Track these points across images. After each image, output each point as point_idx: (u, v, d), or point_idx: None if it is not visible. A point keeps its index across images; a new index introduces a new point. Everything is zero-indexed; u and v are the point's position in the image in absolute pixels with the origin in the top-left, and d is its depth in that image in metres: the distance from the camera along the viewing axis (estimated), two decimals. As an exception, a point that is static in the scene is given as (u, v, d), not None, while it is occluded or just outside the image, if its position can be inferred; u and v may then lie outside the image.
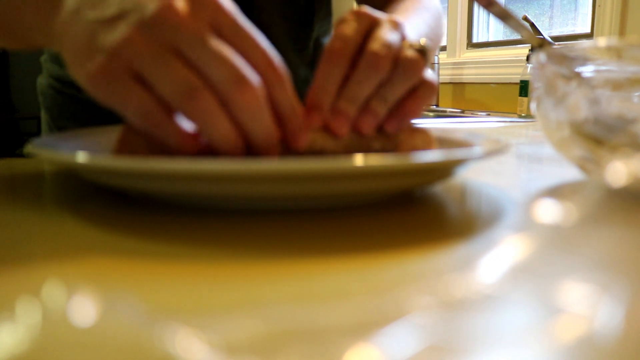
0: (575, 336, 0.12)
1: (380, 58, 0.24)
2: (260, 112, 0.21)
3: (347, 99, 0.24)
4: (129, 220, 0.22)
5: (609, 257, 0.18)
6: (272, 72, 0.22)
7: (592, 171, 0.27)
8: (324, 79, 0.24)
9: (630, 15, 1.02)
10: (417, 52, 0.25)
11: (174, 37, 0.20)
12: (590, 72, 0.27)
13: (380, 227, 0.21)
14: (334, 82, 0.24)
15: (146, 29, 0.20)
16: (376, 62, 0.24)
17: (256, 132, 0.21)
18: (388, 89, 0.25)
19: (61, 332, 0.12)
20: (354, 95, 0.24)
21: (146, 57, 0.20)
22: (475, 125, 0.77)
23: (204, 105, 0.20)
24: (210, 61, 0.20)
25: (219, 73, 0.20)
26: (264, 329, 0.12)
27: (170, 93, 0.20)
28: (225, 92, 0.20)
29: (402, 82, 0.25)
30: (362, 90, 0.24)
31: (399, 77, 0.25)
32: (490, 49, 1.44)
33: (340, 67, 0.24)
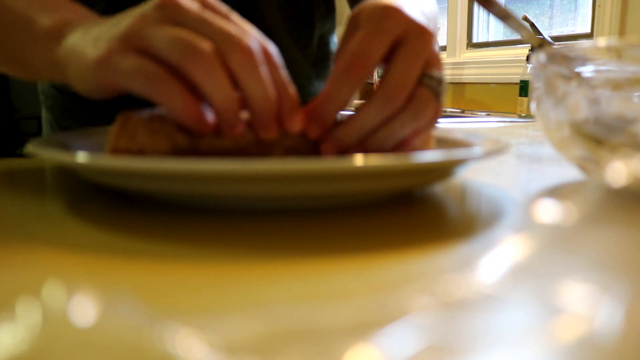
0: (575, 336, 0.12)
1: (398, 95, 0.23)
2: (257, 69, 0.21)
3: (349, 129, 0.24)
4: (129, 220, 0.22)
5: (609, 257, 0.18)
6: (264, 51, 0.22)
7: (592, 171, 0.27)
8: (333, 92, 0.24)
9: (630, 15, 1.02)
10: (433, 94, 0.24)
11: (174, 14, 0.21)
12: (590, 72, 0.27)
13: (380, 227, 0.21)
14: (344, 99, 0.24)
15: (149, 16, 0.22)
16: (392, 98, 0.23)
17: (255, 89, 0.22)
18: (391, 131, 0.24)
19: (61, 332, 0.12)
20: (358, 127, 0.24)
21: (147, 31, 0.21)
22: (475, 125, 0.77)
23: (206, 61, 0.21)
24: (207, 26, 0.21)
25: (216, 34, 0.21)
26: (264, 329, 0.12)
27: (173, 53, 0.21)
28: (225, 50, 0.21)
29: (409, 125, 0.24)
30: (368, 123, 0.24)
31: (408, 119, 0.24)
32: (490, 49, 1.44)
33: (354, 86, 0.24)
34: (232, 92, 0.21)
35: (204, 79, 0.21)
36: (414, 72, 0.24)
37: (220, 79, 0.21)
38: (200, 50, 0.21)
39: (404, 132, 0.24)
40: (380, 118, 0.24)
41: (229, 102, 0.21)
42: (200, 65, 0.21)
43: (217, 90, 0.21)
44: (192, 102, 0.21)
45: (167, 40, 0.21)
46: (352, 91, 0.24)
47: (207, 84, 0.21)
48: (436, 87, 0.24)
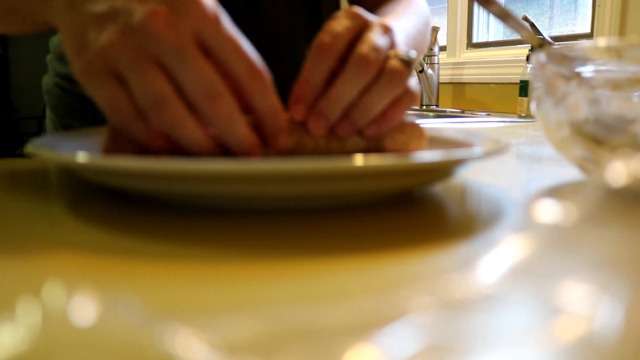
0: (575, 336, 0.12)
1: (368, 62, 0.24)
2: (233, 123, 0.22)
3: (330, 100, 0.25)
4: (129, 220, 0.22)
5: (609, 257, 0.18)
6: (252, 77, 0.22)
7: (592, 171, 0.27)
8: (310, 73, 0.25)
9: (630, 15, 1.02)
10: (402, 63, 0.25)
11: (155, 47, 0.21)
12: (590, 72, 0.27)
13: (380, 227, 0.21)
14: (320, 77, 0.25)
15: (131, 34, 0.21)
16: (364, 65, 0.24)
17: (231, 141, 0.22)
18: (371, 100, 0.25)
19: (61, 332, 0.12)
20: (337, 97, 0.25)
21: (126, 62, 0.21)
22: (475, 125, 0.77)
23: (172, 115, 0.21)
24: (185, 73, 0.21)
25: (192, 85, 0.21)
26: (264, 329, 0.12)
27: (142, 99, 0.21)
28: (198, 105, 0.21)
29: (386, 93, 0.25)
30: (346, 93, 0.25)
31: (383, 87, 0.25)
32: (490, 49, 1.44)
33: (327, 62, 0.25)
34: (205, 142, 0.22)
35: (170, 129, 0.21)
36: (381, 47, 0.25)
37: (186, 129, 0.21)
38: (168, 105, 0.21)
39: (383, 100, 0.25)
40: (356, 88, 0.25)
41: (197, 144, 0.22)
42: (166, 118, 0.21)
43: (188, 143, 0.22)
44: (156, 137, 0.22)
45: (141, 88, 0.21)
46: (326, 69, 0.25)
47: (172, 132, 0.22)
48: (406, 58, 0.25)
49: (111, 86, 0.22)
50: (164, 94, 0.21)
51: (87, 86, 0.22)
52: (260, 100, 0.23)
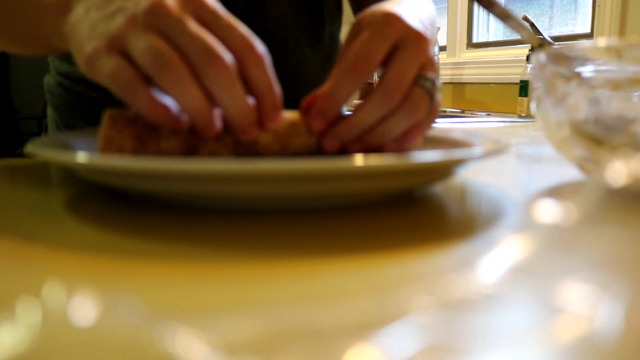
0: (575, 336, 0.12)
1: (394, 94, 0.25)
2: (231, 85, 0.22)
3: (349, 124, 0.25)
4: (129, 220, 0.22)
5: (609, 257, 0.18)
6: (249, 51, 0.23)
7: (592, 171, 0.27)
8: (336, 89, 0.25)
9: (630, 15, 1.02)
10: (427, 93, 0.26)
11: (159, 22, 0.22)
12: (590, 72, 0.27)
13: (380, 227, 0.21)
14: (346, 95, 0.25)
15: (138, 19, 0.23)
16: (389, 97, 0.25)
17: (228, 104, 0.23)
18: (387, 127, 0.26)
19: (61, 332, 0.12)
20: (357, 123, 0.25)
21: (132, 36, 0.22)
22: (475, 125, 0.77)
23: (175, 74, 0.22)
24: (186, 39, 0.22)
25: (193, 48, 0.22)
26: (264, 329, 0.12)
27: (146, 63, 0.22)
28: (197, 64, 0.22)
29: (404, 122, 0.26)
30: (366, 121, 0.25)
31: (403, 116, 0.25)
32: (490, 49, 1.44)
33: (357, 83, 0.25)
34: (202, 101, 0.22)
35: (173, 90, 0.22)
36: (410, 74, 0.25)
37: (188, 89, 0.22)
38: (170, 63, 0.22)
39: (399, 128, 0.26)
40: (377, 115, 0.25)
41: (198, 109, 0.23)
42: (168, 78, 0.22)
43: (189, 104, 0.22)
44: (159, 106, 0.23)
45: (144, 50, 0.22)
46: (354, 88, 0.25)
47: (176, 93, 0.22)
48: (430, 87, 0.26)
49: (117, 58, 0.23)
50: (168, 55, 0.22)
51: (93, 67, 0.23)
52: (257, 72, 0.23)
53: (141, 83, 0.22)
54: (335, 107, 0.25)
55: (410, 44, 0.26)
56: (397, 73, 0.25)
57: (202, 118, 0.23)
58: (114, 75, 0.23)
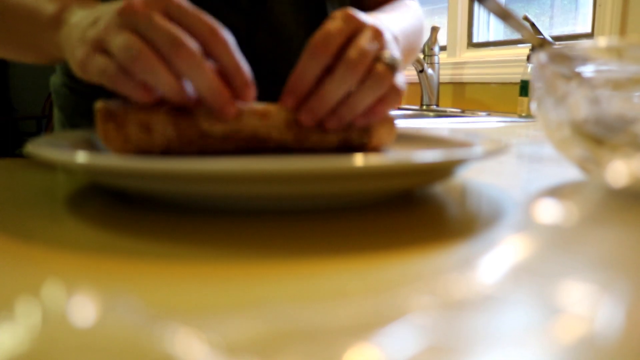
0: (575, 336, 0.12)
1: (356, 66, 0.27)
2: (197, 66, 0.25)
3: (319, 98, 0.28)
4: (129, 220, 0.22)
5: (609, 257, 0.18)
6: (213, 36, 0.26)
7: (593, 171, 0.27)
8: (303, 70, 0.28)
9: (630, 15, 1.02)
10: (387, 67, 0.28)
11: (130, 21, 0.26)
12: (591, 72, 0.27)
13: (380, 227, 0.21)
14: (312, 74, 0.28)
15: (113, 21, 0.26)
16: (351, 69, 0.27)
17: (198, 84, 0.26)
18: (356, 99, 0.28)
19: (61, 332, 0.12)
20: (326, 95, 0.28)
21: (110, 36, 0.26)
22: (476, 125, 0.77)
23: (147, 63, 0.25)
24: (154, 31, 0.25)
25: (161, 39, 0.25)
26: (264, 329, 0.12)
27: (122, 58, 0.26)
28: (166, 53, 0.25)
29: (370, 93, 0.28)
30: (333, 93, 0.28)
31: (368, 88, 0.28)
32: (491, 48, 1.44)
33: (320, 62, 0.28)
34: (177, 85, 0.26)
35: (147, 76, 0.25)
36: (369, 51, 0.28)
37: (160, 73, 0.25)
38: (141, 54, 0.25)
39: (367, 100, 0.28)
40: (344, 88, 0.28)
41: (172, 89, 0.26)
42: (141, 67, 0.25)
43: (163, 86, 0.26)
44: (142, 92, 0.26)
45: (119, 47, 0.26)
46: (318, 67, 0.28)
47: (151, 79, 0.26)
48: (391, 61, 0.29)
49: (102, 57, 0.27)
50: (138, 47, 0.25)
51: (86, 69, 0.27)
52: (223, 55, 0.26)
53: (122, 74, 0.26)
54: (302, 85, 0.28)
55: (368, 32, 0.29)
56: (357, 49, 0.28)
57: (178, 96, 0.26)
58: (102, 72, 0.26)
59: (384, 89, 0.28)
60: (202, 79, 0.25)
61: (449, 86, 1.48)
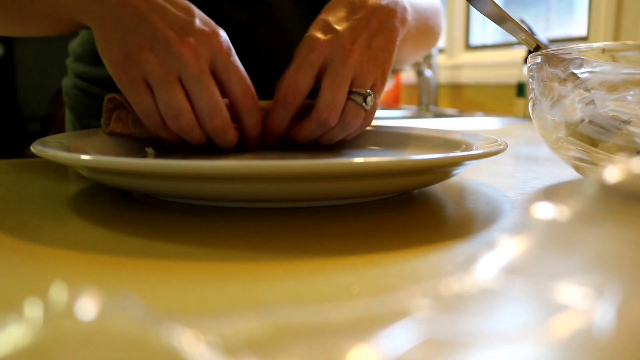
0: (572, 334, 0.12)
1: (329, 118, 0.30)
2: (224, 133, 0.30)
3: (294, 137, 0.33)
4: (132, 219, 0.22)
5: (606, 256, 0.18)
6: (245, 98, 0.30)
7: (588, 171, 0.27)
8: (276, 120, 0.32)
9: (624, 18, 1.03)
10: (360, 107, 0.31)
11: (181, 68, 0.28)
12: (586, 74, 0.27)
13: (380, 227, 0.21)
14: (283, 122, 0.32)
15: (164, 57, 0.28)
16: (324, 122, 0.30)
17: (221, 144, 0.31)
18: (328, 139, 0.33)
19: (63, 330, 0.12)
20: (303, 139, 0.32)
21: (157, 78, 0.28)
22: (473, 126, 0.77)
23: (186, 123, 0.28)
24: (198, 94, 0.28)
25: (201, 103, 0.28)
26: (264, 329, 0.12)
27: (165, 110, 0.28)
28: (202, 117, 0.29)
29: (342, 133, 0.32)
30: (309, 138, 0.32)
31: (340, 129, 0.32)
32: (488, 51, 1.44)
33: (288, 111, 0.31)
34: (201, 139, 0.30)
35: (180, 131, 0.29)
36: (340, 95, 0.30)
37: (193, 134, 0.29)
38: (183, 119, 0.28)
39: (337, 139, 0.33)
40: (318, 134, 0.32)
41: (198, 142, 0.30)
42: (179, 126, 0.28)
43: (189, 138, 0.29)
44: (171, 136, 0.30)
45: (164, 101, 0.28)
46: (290, 115, 0.31)
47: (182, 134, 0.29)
48: (362, 101, 0.31)
49: (143, 93, 0.28)
50: (181, 107, 0.28)
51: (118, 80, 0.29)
52: (247, 116, 0.31)
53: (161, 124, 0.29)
54: (278, 130, 0.32)
55: (337, 64, 0.30)
56: (328, 98, 0.30)
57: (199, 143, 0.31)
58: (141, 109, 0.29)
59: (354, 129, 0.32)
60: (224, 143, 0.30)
61: (447, 88, 1.49)
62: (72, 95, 0.52)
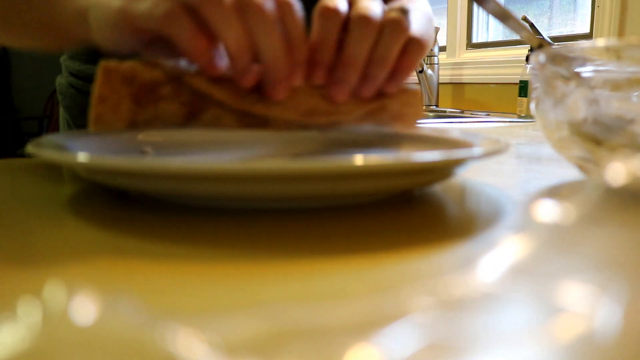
0: (574, 336, 0.12)
1: (369, 18, 0.25)
2: (270, 25, 0.23)
3: (346, 64, 0.26)
4: (129, 220, 0.22)
5: (608, 257, 0.18)
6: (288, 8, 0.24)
7: (591, 171, 0.27)
8: (322, 36, 0.26)
9: (629, 15, 1.02)
10: (400, 12, 0.26)
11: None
12: (589, 73, 0.27)
13: (380, 227, 0.21)
14: (333, 38, 0.26)
15: None
16: (366, 23, 0.25)
17: (268, 48, 0.24)
18: (382, 52, 0.26)
19: (61, 332, 0.12)
20: (352, 59, 0.26)
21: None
22: (475, 125, 0.77)
23: (221, 6, 0.23)
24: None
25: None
26: (264, 329, 0.12)
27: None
28: (244, 9, 0.23)
29: (393, 41, 0.26)
30: (360, 53, 0.26)
31: (389, 36, 0.26)
32: (490, 49, 1.44)
33: (336, 24, 0.26)
34: (244, 36, 0.23)
35: (218, 19, 0.23)
36: (376, 5, 0.26)
37: (233, 20, 0.23)
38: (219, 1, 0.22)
39: (393, 50, 0.26)
40: (366, 46, 0.26)
41: (240, 44, 0.23)
42: (216, 11, 0.22)
43: (230, 31, 0.23)
44: (202, 39, 0.23)
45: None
46: (336, 31, 0.26)
47: (220, 24, 0.23)
48: (400, 10, 0.27)
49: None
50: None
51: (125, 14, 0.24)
52: (291, 23, 0.24)
53: (185, 15, 0.23)
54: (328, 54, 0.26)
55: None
56: (362, 5, 0.26)
57: (242, 56, 0.24)
58: (154, 8, 0.23)
59: (404, 36, 0.26)
60: (272, 44, 0.23)
61: (449, 86, 1.48)
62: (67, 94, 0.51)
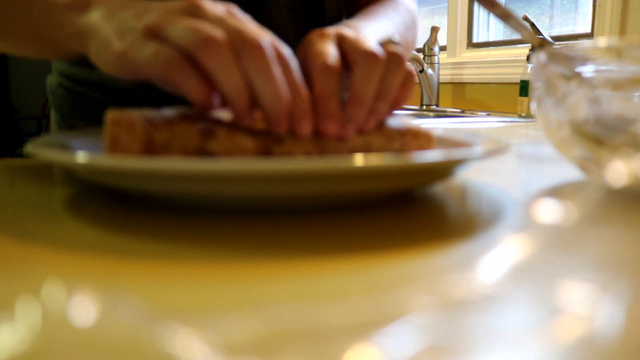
0: (575, 336, 0.12)
1: (376, 56, 0.25)
2: (268, 69, 0.22)
3: (356, 103, 0.25)
4: (129, 220, 0.22)
5: (609, 257, 0.18)
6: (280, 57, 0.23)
7: (593, 171, 0.27)
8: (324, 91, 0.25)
9: (630, 15, 1.02)
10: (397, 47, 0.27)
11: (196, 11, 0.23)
12: (591, 72, 0.27)
13: (380, 227, 0.21)
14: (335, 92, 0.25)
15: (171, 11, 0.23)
16: (374, 60, 0.25)
17: (265, 89, 0.22)
18: (387, 86, 0.26)
19: (61, 332, 0.12)
20: (362, 97, 0.25)
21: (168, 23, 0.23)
22: (476, 125, 0.77)
23: (218, 50, 0.22)
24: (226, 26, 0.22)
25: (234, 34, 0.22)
26: (264, 329, 0.12)
27: (189, 41, 0.22)
28: (238, 47, 0.22)
29: (396, 77, 0.26)
30: (368, 91, 0.25)
31: (393, 72, 0.26)
32: (491, 49, 1.44)
33: (335, 79, 0.25)
34: (242, 81, 0.22)
35: (215, 66, 0.22)
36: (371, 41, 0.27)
37: (230, 66, 0.22)
38: (213, 39, 0.21)
39: (395, 85, 0.27)
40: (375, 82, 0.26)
41: (238, 90, 0.22)
42: (212, 54, 0.22)
43: (227, 78, 0.22)
44: (204, 86, 0.22)
45: (184, 29, 0.22)
46: (336, 85, 0.25)
47: (218, 70, 0.22)
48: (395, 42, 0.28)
49: (156, 43, 0.23)
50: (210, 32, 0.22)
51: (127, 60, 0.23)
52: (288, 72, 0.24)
53: (185, 62, 0.22)
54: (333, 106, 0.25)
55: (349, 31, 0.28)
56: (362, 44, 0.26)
57: (241, 101, 0.23)
58: (156, 57, 0.22)
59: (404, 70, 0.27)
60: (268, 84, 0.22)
61: (449, 86, 1.48)
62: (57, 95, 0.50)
